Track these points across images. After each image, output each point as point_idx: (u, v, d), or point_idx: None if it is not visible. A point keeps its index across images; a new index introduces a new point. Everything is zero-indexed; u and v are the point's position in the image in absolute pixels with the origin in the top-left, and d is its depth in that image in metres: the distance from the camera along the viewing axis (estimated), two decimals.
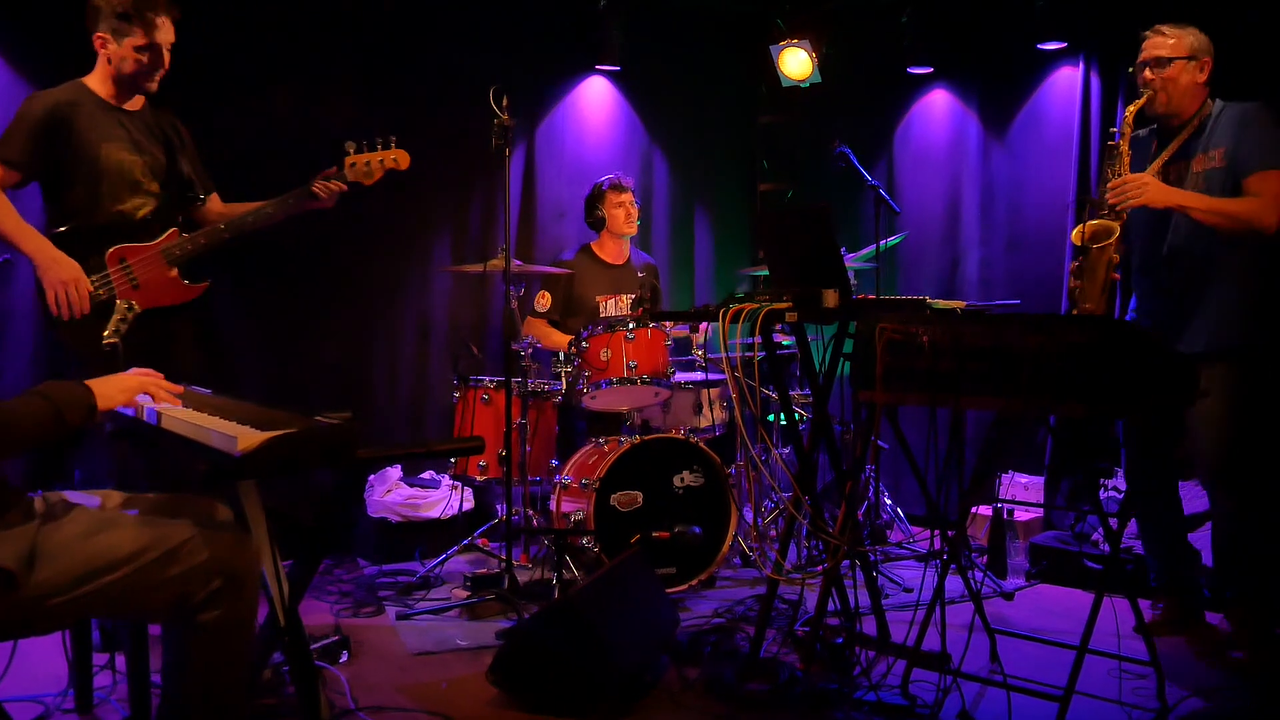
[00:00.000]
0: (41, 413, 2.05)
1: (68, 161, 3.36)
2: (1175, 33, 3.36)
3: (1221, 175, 3.26)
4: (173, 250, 3.45)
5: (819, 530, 3.13)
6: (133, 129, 3.48)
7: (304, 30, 4.86)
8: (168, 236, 3.46)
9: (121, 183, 3.42)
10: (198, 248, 3.50)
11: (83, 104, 3.39)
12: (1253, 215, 3.17)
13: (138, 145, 3.47)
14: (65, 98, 3.38)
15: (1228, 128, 3.29)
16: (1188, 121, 3.37)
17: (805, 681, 3.03)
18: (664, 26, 5.89)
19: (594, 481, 3.98)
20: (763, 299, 2.99)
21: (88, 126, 3.37)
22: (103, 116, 3.42)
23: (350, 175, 3.69)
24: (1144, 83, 3.38)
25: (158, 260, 3.43)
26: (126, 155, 3.44)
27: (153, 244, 3.43)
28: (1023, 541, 4.53)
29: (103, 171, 3.39)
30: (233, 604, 2.10)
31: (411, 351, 5.24)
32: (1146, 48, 3.39)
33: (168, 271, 3.45)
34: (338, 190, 3.67)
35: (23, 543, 2.00)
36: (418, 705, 2.99)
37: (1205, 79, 3.35)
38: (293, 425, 1.96)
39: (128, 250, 3.39)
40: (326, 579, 4.28)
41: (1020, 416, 4.22)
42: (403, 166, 3.76)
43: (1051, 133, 5.07)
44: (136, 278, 3.39)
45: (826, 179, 5.65)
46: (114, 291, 3.34)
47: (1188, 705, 2.98)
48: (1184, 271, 3.35)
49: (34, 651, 2.74)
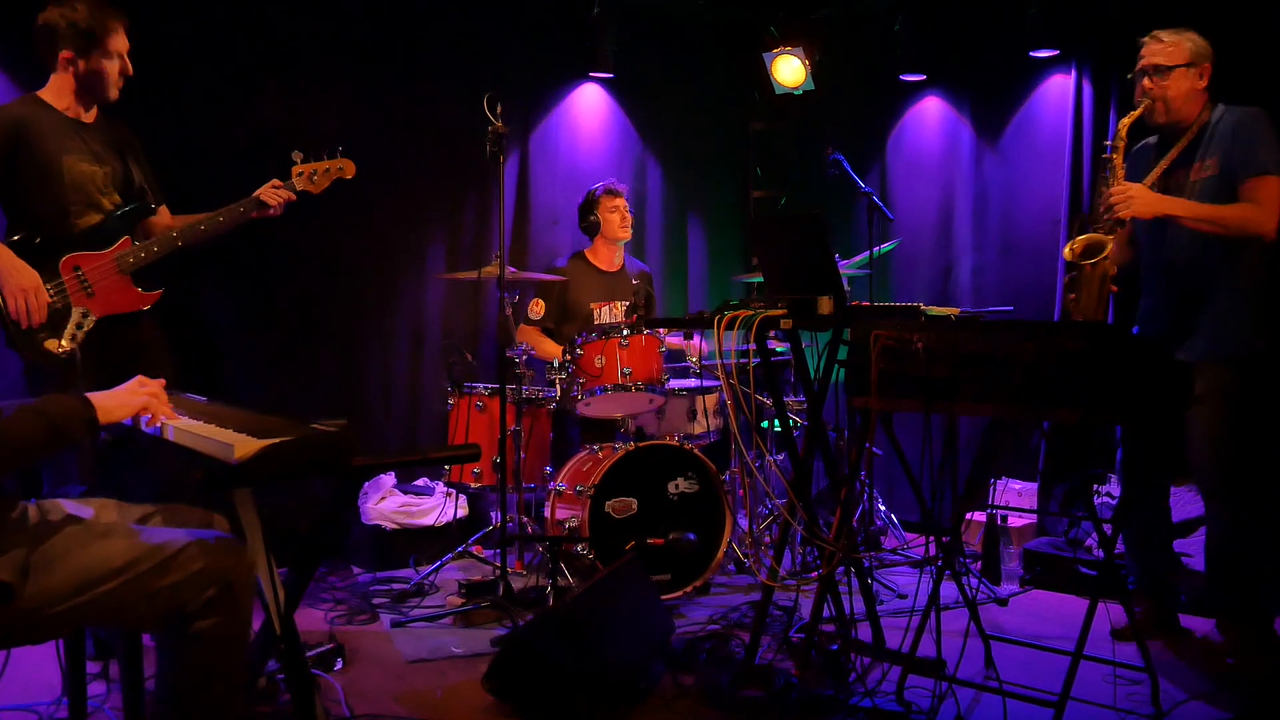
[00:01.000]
0: (37, 429, 2.03)
1: (27, 173, 3.37)
2: (1173, 39, 3.33)
3: (1216, 182, 3.25)
4: (126, 258, 3.47)
5: (814, 536, 3.13)
6: (91, 140, 3.50)
7: (298, 38, 4.85)
8: (120, 245, 3.48)
9: (82, 193, 3.44)
10: (151, 255, 3.51)
11: (40, 117, 3.41)
12: (1247, 221, 3.16)
13: (97, 156, 3.50)
14: (21, 111, 3.40)
15: (1224, 135, 3.27)
16: (1188, 128, 3.34)
17: (801, 688, 3.03)
18: (657, 34, 5.90)
19: (589, 488, 3.98)
20: (758, 306, 3.00)
21: (47, 138, 3.39)
22: (61, 129, 3.44)
23: (298, 184, 3.75)
24: (1142, 92, 3.36)
25: (111, 268, 3.44)
26: (87, 166, 3.46)
27: (106, 252, 3.45)
28: (1016, 547, 4.53)
29: (65, 183, 3.41)
30: (228, 612, 2.09)
31: (405, 358, 5.24)
32: (1144, 55, 3.37)
33: (122, 279, 3.47)
34: (286, 199, 3.72)
35: (17, 553, 1.99)
36: (413, 713, 2.99)
37: (1205, 85, 3.33)
38: (289, 433, 1.96)
39: (81, 259, 3.40)
40: (321, 586, 4.27)
41: (1014, 422, 4.23)
42: (348, 175, 3.84)
43: (1044, 140, 5.09)
44: (91, 285, 3.40)
45: (819, 186, 5.66)
46: (68, 299, 3.35)
47: (1182, 711, 2.98)
48: (1181, 281, 3.35)
49: (27, 660, 2.72)
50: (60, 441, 2.06)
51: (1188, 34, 3.34)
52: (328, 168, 3.79)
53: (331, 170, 3.80)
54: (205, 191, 3.82)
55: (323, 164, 3.78)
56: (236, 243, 3.79)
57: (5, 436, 2.01)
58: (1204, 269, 3.29)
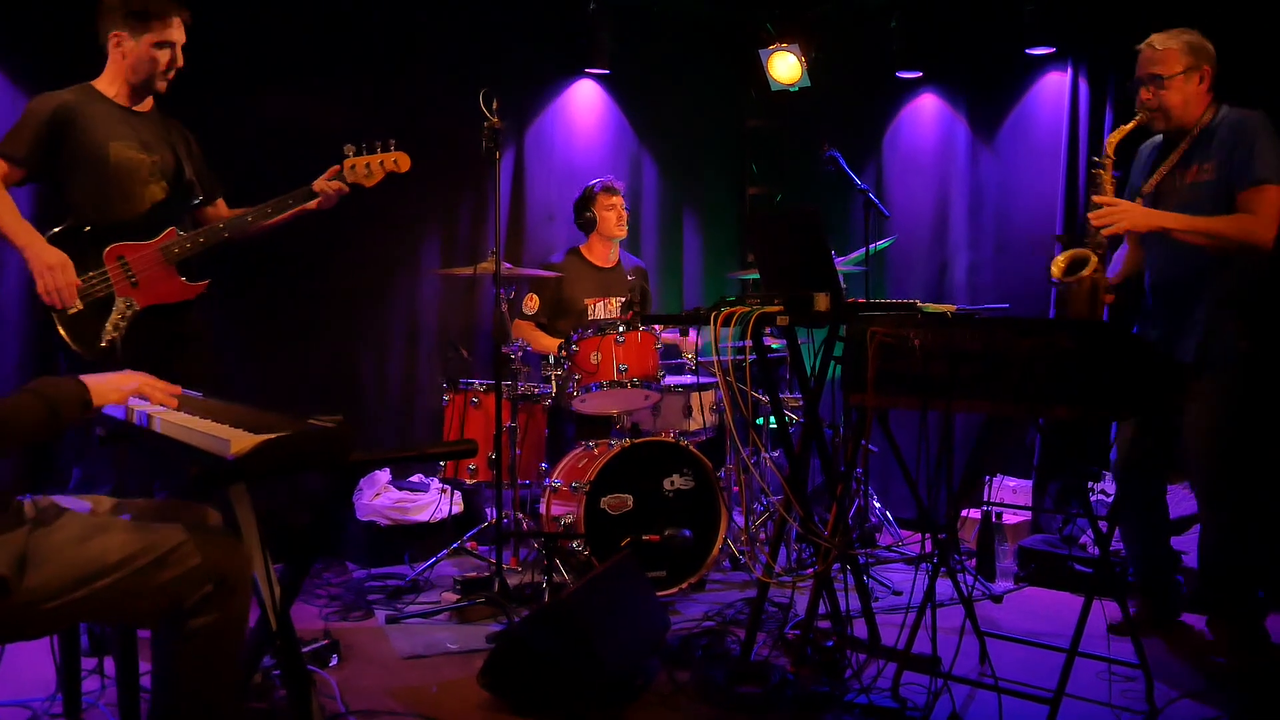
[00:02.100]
0: (35, 410, 2.03)
1: (74, 160, 3.37)
2: (1166, 44, 3.26)
3: (1213, 188, 3.21)
4: (171, 249, 3.44)
5: (810, 533, 3.14)
6: (140, 129, 3.49)
7: (293, 34, 4.84)
8: (166, 235, 3.45)
9: (129, 181, 3.43)
10: (196, 246, 3.49)
11: (90, 104, 3.41)
12: (1243, 232, 3.11)
13: (146, 145, 3.48)
14: (72, 98, 3.40)
15: (1224, 138, 3.21)
16: (1189, 130, 3.29)
17: (796, 684, 3.03)
18: (653, 30, 5.90)
19: (584, 485, 3.98)
20: (754, 302, 2.99)
21: (95, 125, 3.39)
22: (111, 116, 3.43)
23: (350, 177, 3.67)
24: (1141, 102, 3.30)
25: (156, 258, 3.42)
26: (134, 154, 3.45)
27: (151, 243, 3.42)
28: (1011, 545, 4.54)
29: (111, 170, 3.40)
30: (224, 608, 2.09)
31: (400, 354, 5.23)
32: (1142, 64, 3.30)
33: (166, 269, 3.45)
34: (338, 191, 3.66)
35: (13, 548, 1.98)
36: (408, 709, 2.98)
37: (1207, 86, 3.27)
38: (286, 428, 1.95)
39: (126, 248, 3.38)
40: (315, 583, 4.26)
41: (1010, 420, 4.24)
42: (403, 169, 3.74)
43: (1040, 138, 5.09)
44: (135, 275, 3.38)
45: (815, 183, 5.67)
46: (112, 289, 3.34)
47: (1177, 708, 2.99)
48: (1171, 294, 3.34)
49: (21, 656, 2.72)
50: (57, 423, 2.06)
51: (1184, 36, 3.27)
52: (381, 160, 3.69)
53: (386, 163, 3.69)
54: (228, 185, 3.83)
55: (376, 157, 3.68)
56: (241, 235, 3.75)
57: (4, 416, 2.00)
58: (1191, 283, 3.27)
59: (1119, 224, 3.18)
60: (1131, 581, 3.68)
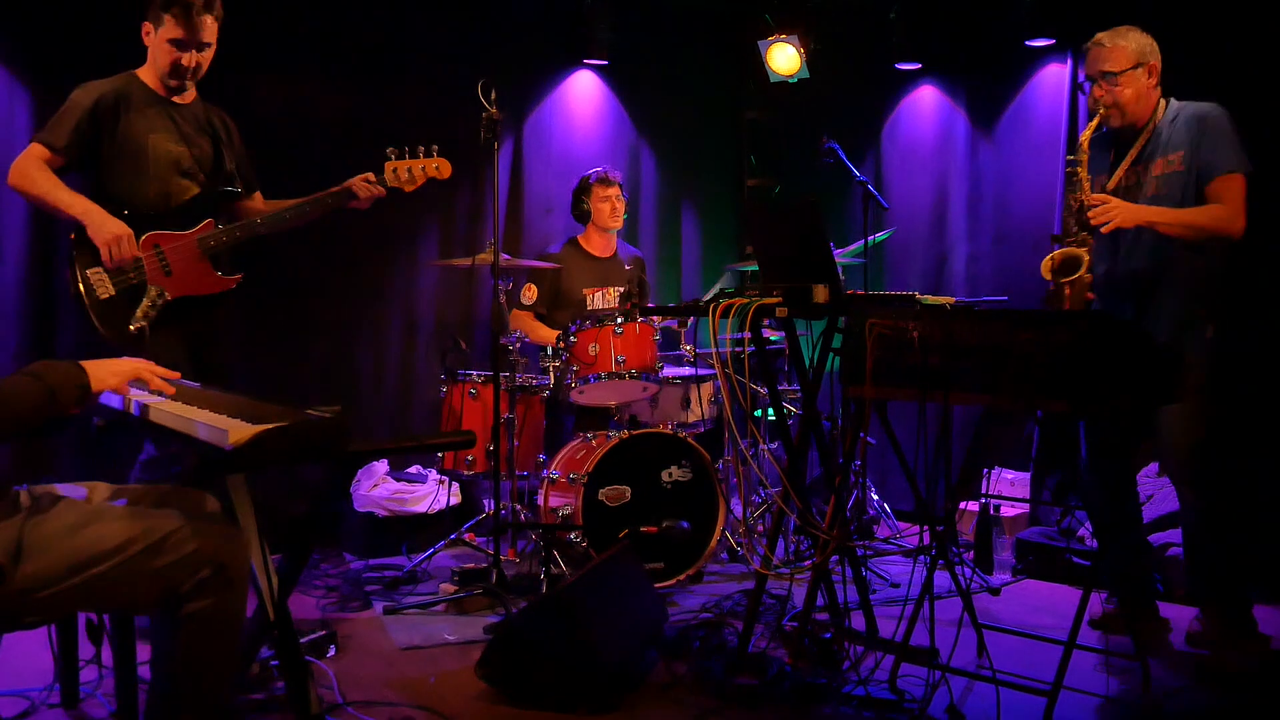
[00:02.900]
0: (33, 392, 2.03)
1: (113, 152, 3.38)
2: (1115, 41, 3.33)
3: (1183, 179, 3.25)
4: (207, 240, 3.45)
5: (808, 525, 3.14)
6: (181, 121, 3.49)
7: (286, 25, 4.82)
8: (203, 226, 3.46)
9: (167, 172, 3.44)
10: (233, 239, 3.49)
11: (132, 94, 3.41)
12: (1218, 223, 3.17)
13: (185, 137, 3.49)
14: (114, 88, 3.40)
15: (1185, 130, 3.27)
16: (1143, 128, 3.37)
17: (794, 676, 3.04)
18: (652, 21, 5.89)
19: (582, 476, 3.98)
20: (752, 294, 2.99)
21: (135, 118, 3.40)
22: (151, 107, 3.44)
23: (390, 181, 3.68)
24: (1094, 99, 3.37)
25: (192, 249, 3.43)
26: (174, 146, 3.46)
27: (188, 233, 3.43)
28: (1008, 537, 4.55)
29: (150, 160, 3.41)
30: (221, 595, 2.09)
31: (398, 345, 5.23)
32: (1091, 62, 3.37)
33: (201, 261, 3.45)
34: (377, 194, 3.66)
35: (9, 536, 1.99)
36: (406, 700, 2.98)
37: (1155, 82, 3.34)
38: (284, 419, 1.95)
39: (162, 238, 3.39)
40: (313, 573, 4.26)
41: (1008, 412, 4.24)
42: (444, 175, 3.75)
43: (1039, 129, 5.09)
44: (170, 265, 3.39)
45: (813, 174, 5.65)
46: (145, 277, 3.34)
47: (1173, 699, 3.00)
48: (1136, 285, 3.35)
49: (19, 646, 2.71)
50: (54, 407, 2.05)
51: (1129, 33, 3.34)
52: (423, 165, 3.69)
53: (428, 169, 3.70)
54: None
55: (418, 162, 3.68)
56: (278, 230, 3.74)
57: (2, 397, 2.00)
58: (1165, 270, 3.29)
59: (1111, 221, 3.20)
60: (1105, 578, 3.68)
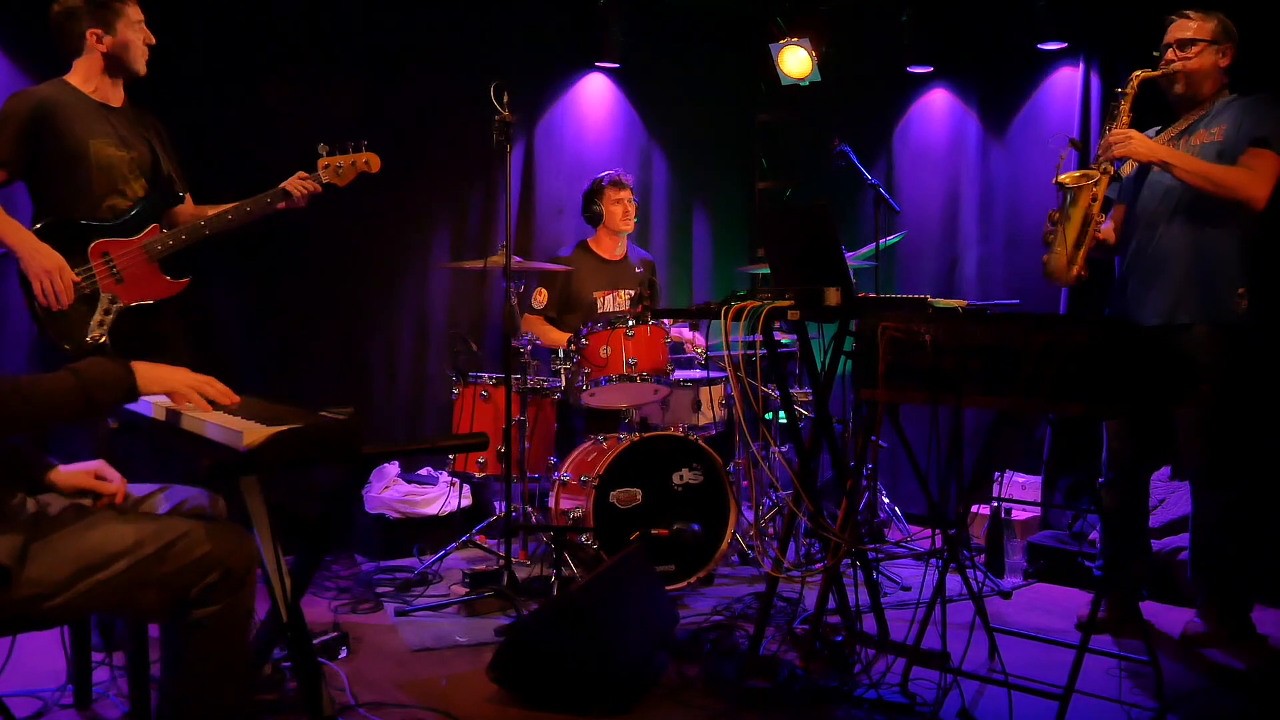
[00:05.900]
0: (67, 390, 2.00)
1: (54, 158, 3.36)
2: (1200, 16, 3.39)
3: (1218, 148, 3.30)
4: (154, 245, 3.45)
5: (819, 528, 3.13)
6: (118, 125, 3.49)
7: (303, 27, 4.84)
8: (149, 232, 3.46)
9: (109, 178, 3.43)
10: (179, 243, 3.50)
11: (68, 101, 3.40)
12: (1238, 184, 3.19)
13: (124, 141, 3.48)
14: (49, 95, 3.39)
15: (1235, 111, 3.33)
16: (1200, 104, 3.41)
17: (805, 679, 3.03)
18: (664, 24, 5.89)
19: (593, 479, 3.98)
20: (764, 297, 2.99)
21: (74, 123, 3.38)
22: (89, 113, 3.42)
23: (324, 176, 3.74)
24: (1165, 62, 3.41)
25: (140, 255, 3.43)
26: (114, 151, 3.45)
27: (135, 239, 3.43)
28: (1020, 541, 4.53)
29: (91, 167, 3.40)
30: (230, 599, 2.09)
31: (410, 348, 5.24)
32: (1171, 31, 3.42)
33: (150, 267, 3.46)
34: (311, 190, 3.71)
35: (15, 538, 1.98)
36: (418, 702, 2.99)
37: (1227, 64, 3.38)
38: (298, 421, 1.96)
39: (110, 245, 3.39)
40: (324, 575, 4.27)
41: (1020, 415, 4.23)
42: (374, 169, 3.84)
43: (1051, 133, 5.07)
44: (119, 271, 3.39)
45: (825, 177, 5.65)
46: (97, 285, 3.34)
47: (1187, 703, 2.98)
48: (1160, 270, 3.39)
49: (33, 647, 2.73)
50: (89, 409, 2.03)
51: (1217, 14, 3.40)
52: (353, 161, 3.77)
53: (357, 164, 3.78)
54: (214, 183, 3.83)
55: (348, 157, 3.77)
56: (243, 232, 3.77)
57: (34, 394, 1.98)
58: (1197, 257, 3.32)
59: (1125, 148, 3.28)
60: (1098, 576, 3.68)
